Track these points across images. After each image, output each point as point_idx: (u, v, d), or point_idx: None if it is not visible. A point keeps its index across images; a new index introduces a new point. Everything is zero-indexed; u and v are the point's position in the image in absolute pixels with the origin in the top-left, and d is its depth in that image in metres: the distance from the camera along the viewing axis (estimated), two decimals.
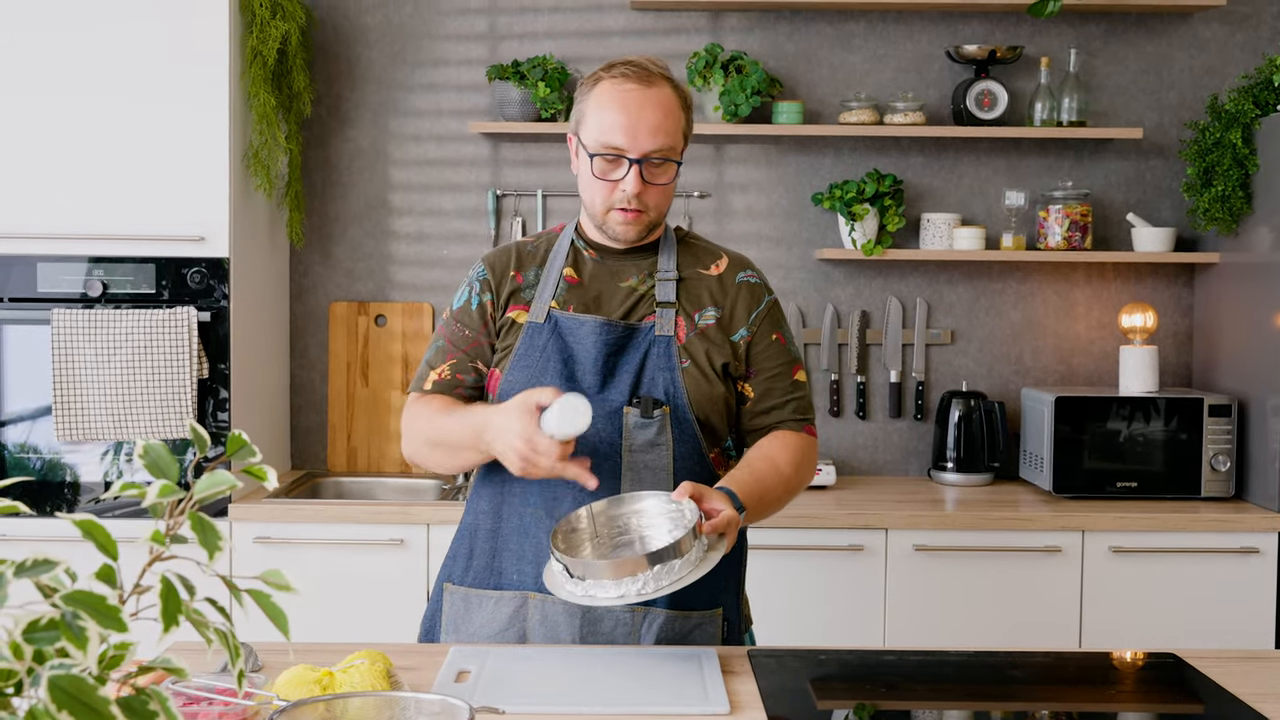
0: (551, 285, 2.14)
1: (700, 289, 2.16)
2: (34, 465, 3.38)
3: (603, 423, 2.05)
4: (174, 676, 1.01)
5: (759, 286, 2.20)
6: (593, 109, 2.09)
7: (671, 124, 2.08)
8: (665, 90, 2.08)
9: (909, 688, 1.96)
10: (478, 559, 2.15)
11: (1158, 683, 2.00)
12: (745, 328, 2.16)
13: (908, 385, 3.95)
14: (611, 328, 2.09)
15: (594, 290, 2.14)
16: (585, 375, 2.08)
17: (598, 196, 2.10)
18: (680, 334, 2.12)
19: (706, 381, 2.10)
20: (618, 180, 2.07)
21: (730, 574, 2.17)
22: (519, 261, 2.18)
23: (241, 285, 3.46)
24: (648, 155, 2.06)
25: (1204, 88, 3.91)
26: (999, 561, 3.36)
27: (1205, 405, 3.56)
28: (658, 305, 2.13)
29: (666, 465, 2.07)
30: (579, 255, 2.18)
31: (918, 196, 3.92)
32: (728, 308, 2.16)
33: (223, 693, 1.58)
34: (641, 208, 2.09)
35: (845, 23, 3.91)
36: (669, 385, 2.08)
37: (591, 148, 2.08)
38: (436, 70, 3.91)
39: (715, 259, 2.22)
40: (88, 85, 3.34)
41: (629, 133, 2.05)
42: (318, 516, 3.35)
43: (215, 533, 1.03)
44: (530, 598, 2.07)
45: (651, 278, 2.15)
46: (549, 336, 2.10)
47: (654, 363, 2.09)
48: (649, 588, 1.77)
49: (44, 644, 0.90)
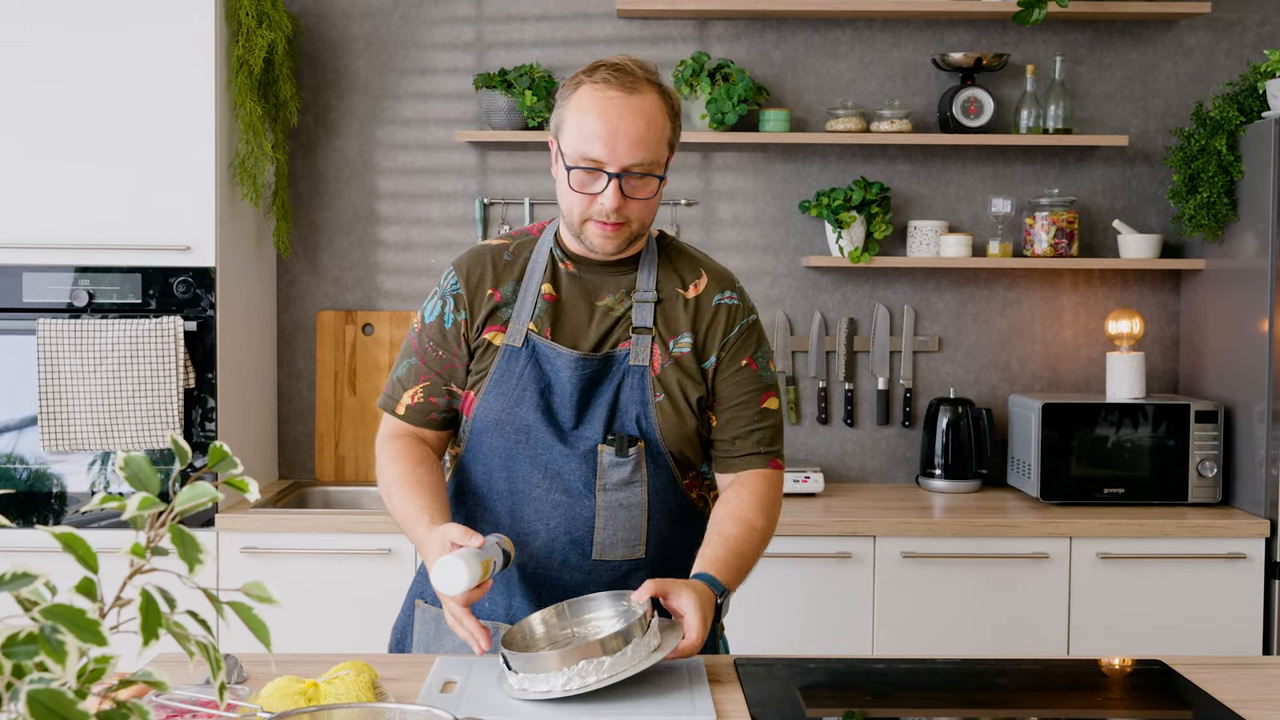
0: (529, 305, 2.06)
1: (677, 312, 2.08)
2: (20, 476, 3.36)
3: (578, 461, 2.01)
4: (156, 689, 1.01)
5: (737, 309, 2.11)
6: (572, 115, 1.97)
7: (654, 136, 1.96)
8: (650, 98, 1.97)
9: (897, 696, 1.95)
10: None
11: (1145, 690, 2.00)
12: (715, 354, 2.08)
13: (895, 392, 3.95)
14: (587, 362, 2.02)
15: (571, 309, 2.07)
16: (561, 408, 2.03)
17: (575, 208, 1.99)
18: (655, 364, 2.05)
19: (679, 416, 2.05)
20: (596, 193, 1.96)
21: None
22: (496, 274, 2.09)
23: (228, 295, 3.46)
24: (628, 169, 1.94)
25: (1189, 95, 3.92)
26: (987, 568, 3.36)
27: (1192, 411, 3.57)
28: (634, 331, 2.05)
29: (641, 502, 2.04)
30: (557, 269, 2.09)
31: (904, 204, 3.93)
32: (701, 334, 2.08)
33: (206, 705, 1.58)
34: (621, 220, 1.98)
35: (831, 31, 3.91)
36: (642, 419, 2.03)
37: (570, 158, 1.97)
38: (423, 79, 3.91)
39: (696, 277, 2.11)
40: (73, 95, 3.34)
41: (608, 145, 1.93)
42: (305, 526, 3.34)
43: (196, 545, 1.03)
44: (502, 628, 2.03)
45: (629, 297, 2.07)
46: (526, 362, 2.04)
47: (628, 395, 2.03)
48: (590, 679, 1.72)
49: (23, 658, 0.90)
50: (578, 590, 2.03)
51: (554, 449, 2.02)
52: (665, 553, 2.08)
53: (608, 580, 2.05)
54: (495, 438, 2.05)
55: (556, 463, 2.02)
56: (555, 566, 2.04)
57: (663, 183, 2.02)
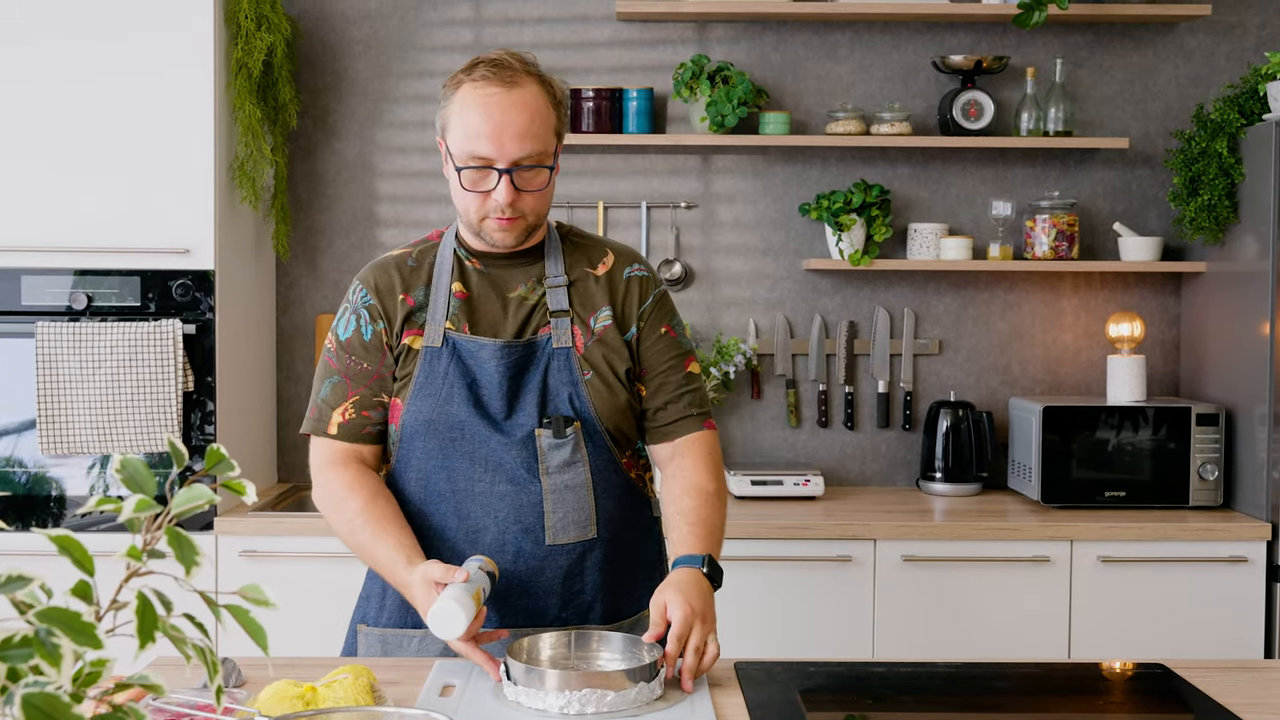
0: (442, 305, 2.06)
1: (590, 290, 2.09)
2: (19, 479, 3.36)
3: (517, 449, 2.00)
4: (152, 693, 1.00)
5: (647, 280, 2.14)
6: (455, 114, 1.98)
7: (539, 127, 1.97)
8: (530, 89, 1.97)
9: (898, 699, 1.95)
10: (391, 598, 2.09)
11: (1146, 693, 1.99)
12: (634, 324, 2.10)
13: (895, 395, 3.95)
14: (511, 349, 2.03)
15: (485, 304, 2.07)
16: (491, 400, 2.02)
17: (470, 207, 2.00)
18: (578, 343, 2.06)
19: (610, 391, 2.05)
20: (489, 190, 1.98)
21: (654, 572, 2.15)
22: (405, 282, 2.08)
23: (227, 298, 3.45)
24: (517, 163, 1.96)
25: (1190, 97, 3.92)
26: (987, 572, 3.35)
27: (1193, 414, 3.57)
28: (551, 315, 2.06)
29: (586, 481, 2.03)
30: (464, 267, 2.09)
31: (905, 207, 3.92)
32: (619, 305, 2.10)
33: (203, 709, 1.57)
34: (517, 214, 1.99)
35: (831, 33, 3.91)
36: (575, 398, 2.03)
37: (458, 159, 1.98)
38: (422, 82, 3.90)
39: (602, 255, 2.14)
40: (72, 98, 3.33)
41: (495, 141, 1.94)
42: (304, 529, 3.34)
43: (192, 548, 1.02)
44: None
45: (541, 285, 2.08)
46: (449, 361, 2.03)
47: (556, 377, 2.04)
48: (590, 709, 1.71)
49: (18, 661, 0.89)
50: (533, 582, 2.02)
51: (490, 440, 2.01)
52: (614, 530, 2.08)
53: (563, 567, 2.03)
54: (429, 439, 2.03)
55: (495, 454, 2.01)
56: (509, 558, 2.02)
57: (554, 172, 2.03)
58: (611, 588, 2.08)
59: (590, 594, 2.06)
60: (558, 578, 2.03)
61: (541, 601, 2.04)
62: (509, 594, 2.03)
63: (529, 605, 2.03)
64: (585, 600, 2.06)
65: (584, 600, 2.06)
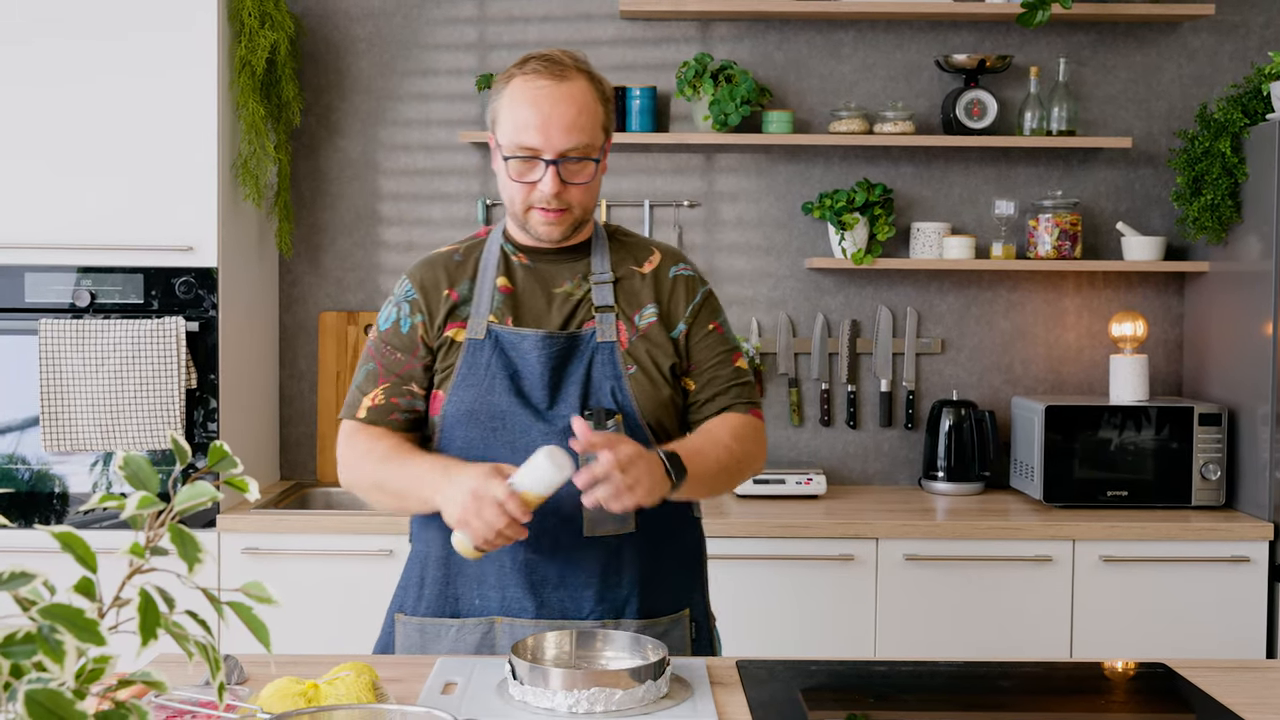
0: (486, 298, 2.09)
1: (637, 288, 2.12)
2: (22, 476, 3.36)
3: (557, 440, 2.00)
4: (155, 690, 1.00)
5: (694, 279, 2.17)
6: (506, 107, 2.03)
7: (587, 120, 2.01)
8: (580, 84, 2.02)
9: (899, 698, 1.95)
10: (430, 587, 2.10)
11: (1148, 693, 1.99)
12: (683, 320, 2.12)
13: (898, 394, 3.95)
14: (553, 340, 2.05)
15: (529, 299, 2.10)
16: (533, 390, 2.04)
17: (517, 197, 2.04)
18: (623, 338, 2.08)
19: (653, 385, 2.07)
20: (535, 181, 2.02)
21: (693, 572, 2.16)
22: (450, 277, 2.12)
23: (230, 295, 3.45)
24: (564, 154, 2.00)
25: (1193, 97, 3.92)
26: (990, 571, 3.35)
27: (1195, 414, 3.56)
28: (596, 310, 2.08)
29: None
30: (509, 262, 2.13)
31: (908, 205, 3.92)
32: (665, 303, 2.12)
33: (205, 705, 1.57)
34: (563, 206, 2.03)
35: (835, 32, 3.91)
36: (617, 392, 2.04)
37: (506, 149, 2.02)
38: (426, 80, 3.91)
39: (648, 255, 2.17)
40: (76, 95, 3.34)
41: (543, 132, 1.98)
42: (306, 527, 3.34)
43: (195, 544, 1.02)
44: (497, 622, 2.04)
45: (586, 281, 2.11)
46: (491, 352, 2.05)
47: (599, 370, 2.05)
48: (598, 707, 1.71)
49: (21, 657, 0.89)
50: (571, 575, 2.03)
51: (531, 430, 2.02)
52: (653, 526, 2.08)
53: (600, 560, 2.04)
54: (469, 429, 2.05)
55: (536, 443, 2.01)
56: (547, 549, 2.03)
57: (600, 166, 2.06)
58: (648, 584, 2.08)
59: (627, 589, 2.06)
60: (595, 571, 2.04)
61: (578, 594, 2.04)
62: (545, 584, 2.04)
63: (565, 598, 2.04)
64: (622, 595, 2.06)
65: (620, 595, 2.06)
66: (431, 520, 2.08)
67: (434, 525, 2.08)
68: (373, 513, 3.50)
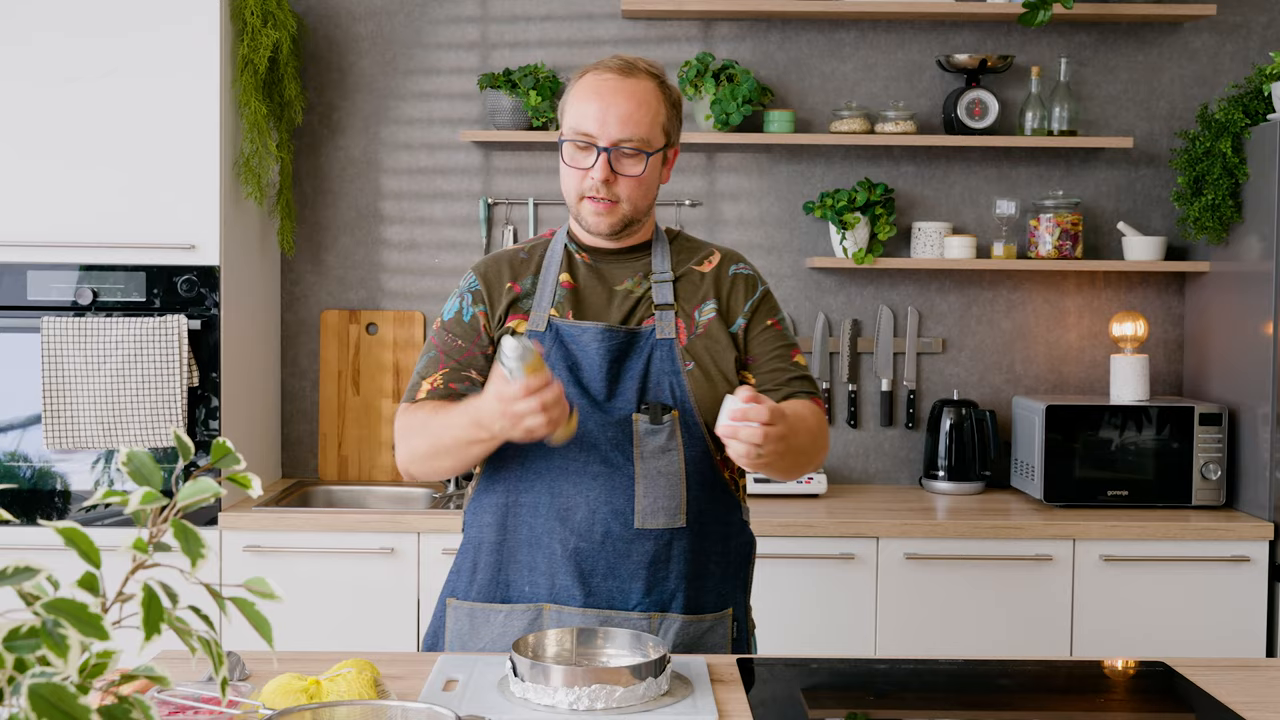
0: (549, 292, 2.13)
1: (695, 285, 2.16)
2: (24, 474, 3.37)
3: (614, 430, 2.05)
4: (158, 685, 1.01)
5: (753, 277, 2.21)
6: (573, 99, 2.10)
7: (645, 115, 2.06)
8: (645, 83, 2.08)
9: (900, 697, 1.95)
10: (482, 572, 2.13)
11: (1148, 692, 1.99)
12: (742, 316, 2.16)
13: (899, 394, 3.95)
14: (613, 334, 2.08)
15: (591, 295, 2.14)
16: (591, 382, 2.08)
17: (571, 185, 2.09)
18: (682, 336, 2.12)
19: (710, 382, 2.10)
20: (588, 168, 2.06)
21: (738, 574, 2.18)
22: (513, 270, 2.17)
23: (232, 293, 3.46)
24: (617, 144, 2.05)
25: (1194, 97, 3.92)
26: (990, 570, 3.35)
27: (1196, 414, 3.57)
28: (656, 308, 2.12)
29: (678, 470, 2.07)
30: (572, 260, 2.17)
31: (909, 205, 3.93)
32: (724, 299, 2.16)
33: (208, 701, 1.58)
34: (613, 198, 2.07)
35: (836, 32, 3.91)
36: (675, 389, 2.08)
37: (565, 135, 2.09)
38: (428, 79, 3.91)
39: (708, 255, 2.22)
40: (78, 93, 3.34)
41: (599, 120, 2.04)
42: (308, 525, 3.34)
43: (198, 540, 1.03)
44: (545, 609, 2.07)
45: (647, 280, 2.15)
46: (551, 344, 2.09)
47: (658, 367, 2.09)
48: (599, 704, 1.72)
49: (25, 652, 0.90)
50: (621, 566, 2.05)
51: (588, 421, 2.05)
52: (703, 523, 2.10)
53: (649, 553, 2.06)
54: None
55: (592, 434, 2.05)
56: (597, 539, 2.05)
57: (654, 164, 2.09)
58: (695, 580, 2.10)
59: (674, 583, 2.08)
60: (643, 562, 2.06)
61: (626, 585, 2.06)
62: (594, 574, 2.06)
63: (613, 588, 2.06)
64: (669, 589, 2.08)
65: (667, 589, 2.08)
66: (484, 507, 2.12)
67: (487, 512, 2.12)
68: (374, 511, 3.50)
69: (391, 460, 3.86)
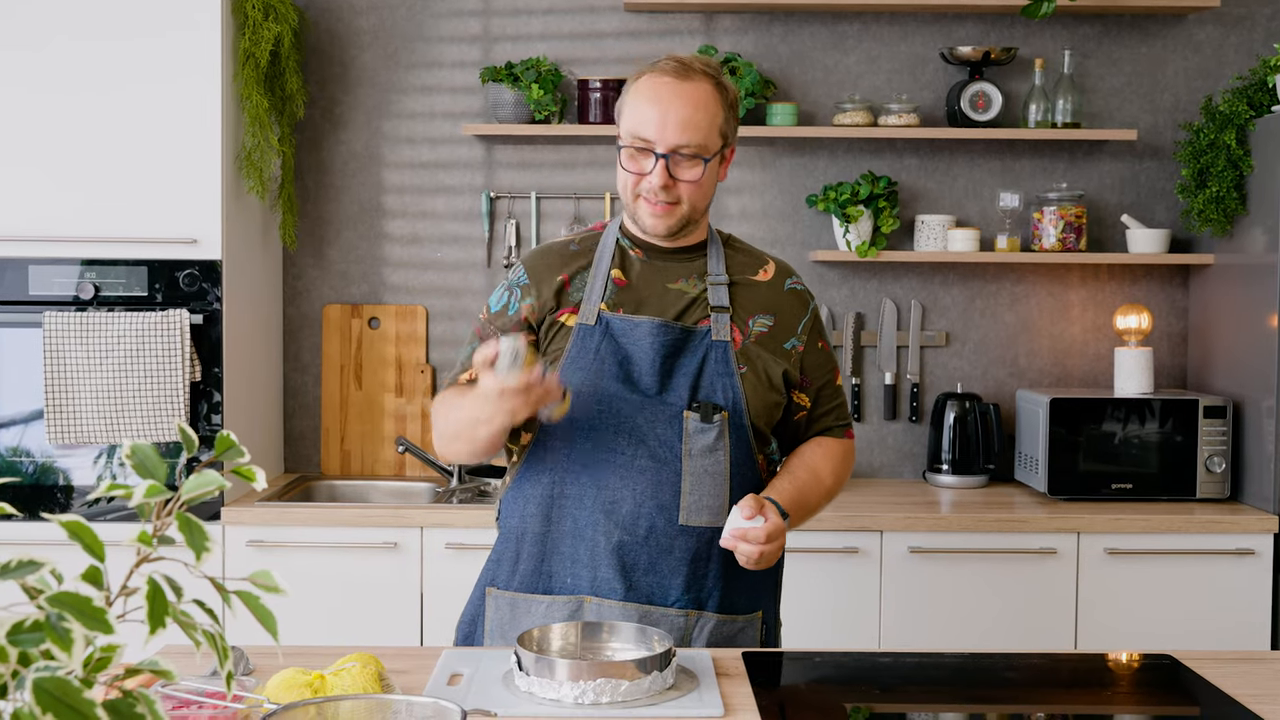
0: (600, 287, 2.13)
1: (751, 295, 2.17)
2: (26, 469, 3.36)
3: (663, 427, 2.06)
4: (162, 679, 1.00)
5: (805, 294, 2.24)
6: (630, 101, 2.09)
7: (703, 119, 2.06)
8: (703, 86, 2.07)
9: (904, 690, 1.95)
10: (525, 563, 2.13)
11: (1153, 684, 1.99)
12: (795, 337, 2.18)
13: (902, 387, 3.94)
14: (668, 329, 2.09)
15: (643, 292, 2.13)
16: (642, 377, 2.08)
17: (628, 186, 2.10)
18: (736, 339, 2.12)
19: (764, 389, 2.12)
20: (646, 172, 2.07)
21: (769, 576, 2.19)
22: (564, 263, 2.17)
23: (234, 288, 3.45)
24: (675, 149, 2.05)
25: (1198, 89, 3.91)
26: (994, 563, 3.35)
27: (1200, 407, 3.56)
28: (712, 310, 2.12)
29: (724, 470, 2.08)
30: (625, 255, 2.17)
31: (912, 198, 3.92)
32: (779, 316, 2.17)
33: (212, 695, 1.57)
34: (672, 200, 2.08)
35: (839, 24, 3.90)
36: (728, 391, 2.09)
37: (623, 138, 2.09)
38: (430, 72, 3.90)
39: (762, 265, 2.23)
40: (80, 87, 3.33)
41: (658, 126, 2.04)
42: (310, 519, 3.34)
43: (203, 533, 1.02)
44: (586, 601, 2.07)
45: (701, 280, 2.15)
46: (601, 338, 2.09)
47: (712, 368, 2.09)
48: (604, 698, 1.72)
49: (29, 646, 0.89)
50: (663, 561, 2.06)
51: (638, 415, 2.06)
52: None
53: (691, 549, 2.07)
54: (575, 410, 2.07)
55: (641, 429, 2.06)
56: (641, 534, 2.06)
57: (712, 168, 2.10)
58: (732, 580, 2.11)
59: (712, 581, 2.10)
60: (685, 559, 2.07)
61: (666, 580, 2.07)
62: (636, 568, 2.06)
63: (654, 583, 2.07)
64: (707, 587, 2.09)
65: (705, 587, 2.09)
66: (526, 497, 2.12)
67: (531, 502, 2.12)
68: (377, 506, 3.50)
69: (394, 454, 3.87)
